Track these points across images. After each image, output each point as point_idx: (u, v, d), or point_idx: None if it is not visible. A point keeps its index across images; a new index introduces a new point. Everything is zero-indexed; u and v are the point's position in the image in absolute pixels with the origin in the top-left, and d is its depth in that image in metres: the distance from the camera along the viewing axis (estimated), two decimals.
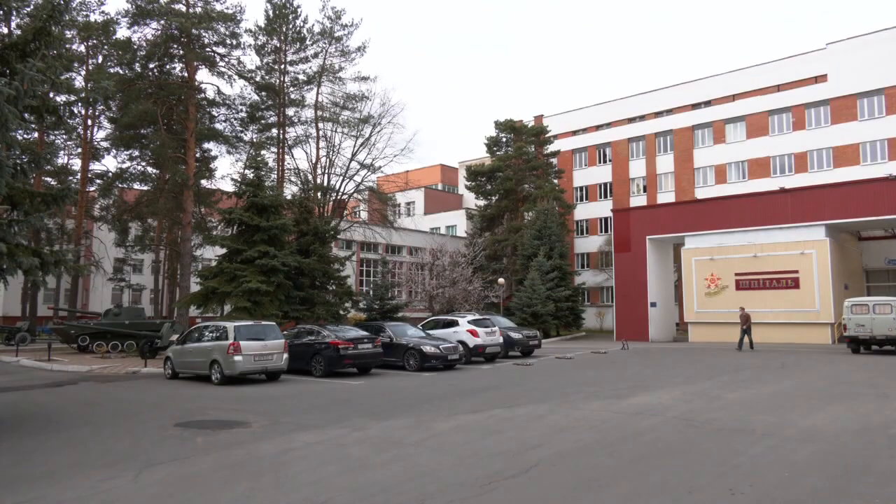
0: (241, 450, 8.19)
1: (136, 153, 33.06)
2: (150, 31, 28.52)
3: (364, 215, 38.20)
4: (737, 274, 29.30)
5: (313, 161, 32.15)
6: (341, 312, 27.23)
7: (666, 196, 44.53)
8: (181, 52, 28.76)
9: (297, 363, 17.66)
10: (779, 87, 41.04)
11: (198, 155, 31.72)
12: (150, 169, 33.26)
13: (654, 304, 32.36)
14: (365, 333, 18.72)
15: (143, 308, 34.85)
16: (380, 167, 32.46)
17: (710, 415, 10.14)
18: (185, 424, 10.08)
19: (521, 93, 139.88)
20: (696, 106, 44.79)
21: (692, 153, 44.00)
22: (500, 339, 22.22)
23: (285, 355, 16.57)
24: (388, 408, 11.71)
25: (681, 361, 20.36)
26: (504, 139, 46.08)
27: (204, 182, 33.15)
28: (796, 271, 27.68)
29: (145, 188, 33.92)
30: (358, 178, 32.89)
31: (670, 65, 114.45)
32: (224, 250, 24.23)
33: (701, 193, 42.16)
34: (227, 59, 29.79)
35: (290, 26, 31.45)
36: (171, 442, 8.79)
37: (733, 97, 42.88)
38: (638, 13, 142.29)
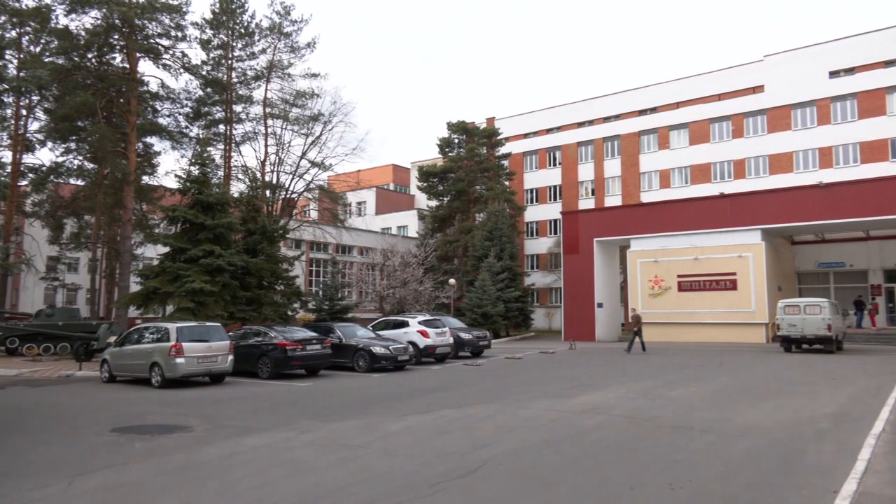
0: (182, 455, 7.92)
1: (73, 146, 31.57)
2: (89, 19, 27.32)
3: (314, 214, 37.66)
4: (679, 276, 30.29)
5: (262, 158, 31.49)
6: (289, 313, 26.74)
7: (613, 199, 45.66)
8: (123, 42, 27.65)
9: (243, 365, 17.25)
10: (720, 97, 42.69)
11: (139, 150, 30.54)
12: (87, 163, 31.82)
13: (600, 305, 33.11)
14: (313, 334, 18.46)
15: (79, 309, 33.30)
16: (331, 166, 32.07)
17: (652, 413, 10.44)
18: (122, 429, 9.68)
19: (474, 94, 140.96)
20: (642, 112, 46.09)
21: (638, 158, 45.27)
22: (451, 340, 22.30)
23: (230, 357, 16.16)
24: (336, 409, 11.57)
25: (626, 361, 20.89)
26: (456, 140, 46.27)
27: (146, 178, 31.93)
28: (734, 273, 28.83)
29: (82, 183, 32.41)
30: (308, 177, 32.42)
31: (619, 71, 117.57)
32: (167, 249, 23.42)
33: (646, 197, 43.41)
34: (171, 52, 28.81)
35: (238, 21, 30.70)
36: (107, 448, 8.43)
37: (677, 105, 44.34)
38: (587, 20, 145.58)
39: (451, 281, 36.12)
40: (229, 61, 31.08)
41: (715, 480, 6.35)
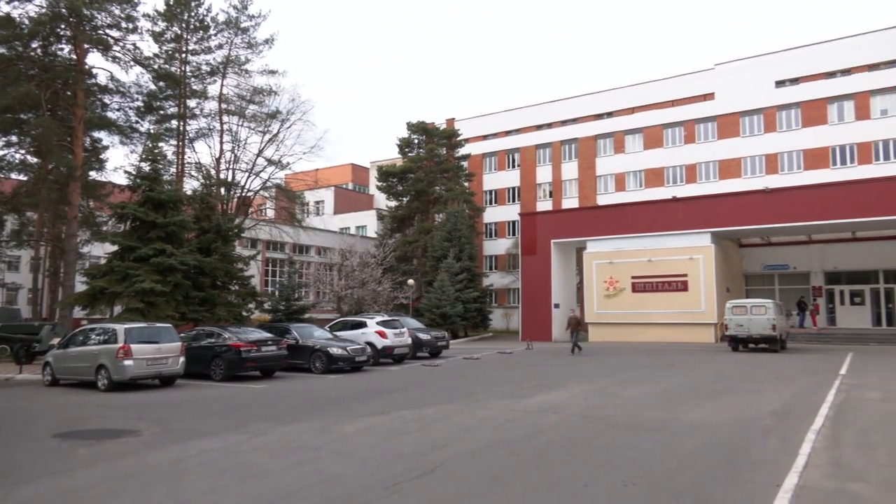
0: (129, 460, 7.67)
1: (15, 139, 30.18)
2: (33, 7, 26.18)
3: (271, 213, 37.04)
4: (633, 277, 30.97)
5: (217, 156, 30.81)
6: (244, 314, 26.23)
7: (570, 202, 46.36)
8: (70, 33, 26.60)
9: (196, 367, 16.82)
10: (673, 103, 43.85)
11: (87, 144, 29.42)
12: (30, 157, 30.46)
13: (557, 306, 33.57)
14: (269, 335, 18.14)
15: (19, 309, 31.89)
16: (288, 164, 31.65)
17: (606, 411, 10.64)
18: (65, 435, 9.30)
19: (434, 95, 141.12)
20: (599, 117, 46.97)
21: (595, 161, 46.10)
22: (409, 341, 22.25)
23: (182, 359, 15.74)
24: (291, 411, 11.40)
25: (581, 361, 21.23)
26: (416, 141, 46.20)
27: (93, 174, 30.79)
28: (685, 275, 29.66)
29: (24, 178, 31.02)
30: (265, 175, 31.88)
31: (576, 75, 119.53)
32: (115, 248, 22.65)
33: (602, 200, 44.24)
34: (122, 44, 27.88)
35: (193, 14, 29.95)
36: (49, 454, 8.08)
37: (632, 110, 45.35)
38: (546, 23, 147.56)
39: (410, 281, 36.05)
40: (183, 55, 30.29)
41: (665, 477, 6.51)
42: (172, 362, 15.51)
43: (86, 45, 26.97)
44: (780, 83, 40.13)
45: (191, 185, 30.37)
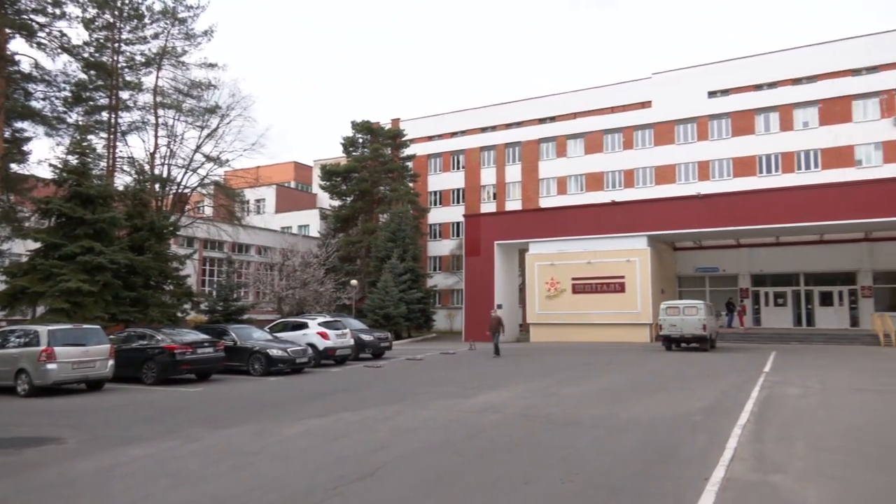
0: (51, 470, 7.26)
1: None
2: None
3: (209, 211, 35.87)
4: (573, 278, 31.71)
5: (151, 150, 29.58)
6: (179, 314, 25.32)
7: (514, 204, 47.04)
8: None
9: (126, 370, 16.14)
10: (612, 109, 45.19)
11: (7, 135, 27.67)
12: None
13: (500, 306, 33.92)
14: (205, 337, 17.59)
15: None
16: (227, 161, 30.69)
17: (546, 410, 10.84)
18: None
19: (379, 95, 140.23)
20: (542, 121, 47.87)
21: (538, 165, 46.96)
22: (351, 342, 22.04)
23: (111, 362, 15.06)
24: (228, 415, 11.08)
25: (522, 360, 21.57)
26: (360, 140, 45.79)
27: (14, 166, 28.97)
28: (623, 277, 30.60)
29: None
30: (203, 172, 30.84)
31: (522, 79, 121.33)
32: (38, 245, 21.42)
33: (545, 203, 45.10)
34: (48, 30, 26.36)
35: (126, 1, 28.65)
36: None
37: (574, 115, 46.44)
38: (493, 24, 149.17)
39: (353, 282, 35.69)
40: (116, 44, 28.93)
41: (602, 473, 6.69)
42: (100, 365, 14.81)
43: (8, 31, 25.35)
44: (712, 94, 42.00)
45: (123, 181, 29.07)
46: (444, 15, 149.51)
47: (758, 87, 40.86)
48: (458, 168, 50.46)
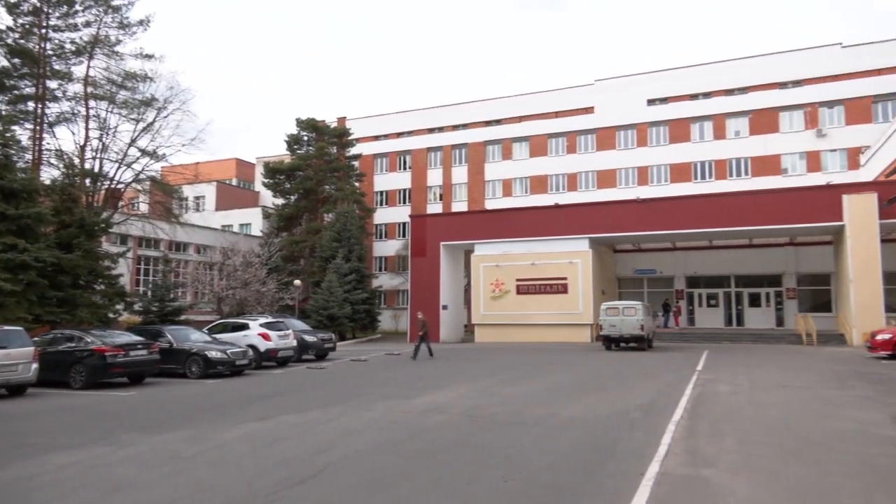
0: None
1: None
2: None
3: (144, 208, 34.44)
4: (518, 280, 32.17)
5: (81, 143, 28.17)
6: (111, 315, 24.22)
7: (460, 205, 47.31)
8: None
9: (52, 374, 15.34)
10: (557, 114, 46.11)
11: None
12: None
13: (445, 307, 34.08)
14: (139, 339, 16.89)
15: None
16: (164, 156, 29.58)
17: (489, 410, 10.95)
18: None
19: (325, 93, 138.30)
20: (488, 123, 48.35)
21: (484, 167, 47.41)
22: (294, 343, 21.65)
23: (34, 365, 14.25)
24: (163, 420, 10.68)
25: (467, 361, 21.72)
26: (306, 138, 45.02)
27: None
28: (565, 278, 31.26)
29: None
30: (138, 167, 29.60)
31: (468, 80, 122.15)
32: None
33: (490, 204, 45.58)
34: None
35: None
36: None
37: (520, 118, 47.15)
38: (439, 25, 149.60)
39: (297, 282, 35.04)
40: (43, 31, 27.43)
41: (543, 471, 6.81)
42: (23, 369, 14.00)
43: None
44: (651, 101, 43.48)
45: (50, 175, 27.58)
46: (390, 16, 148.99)
47: (693, 97, 42.60)
48: (405, 168, 50.37)
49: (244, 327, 21.12)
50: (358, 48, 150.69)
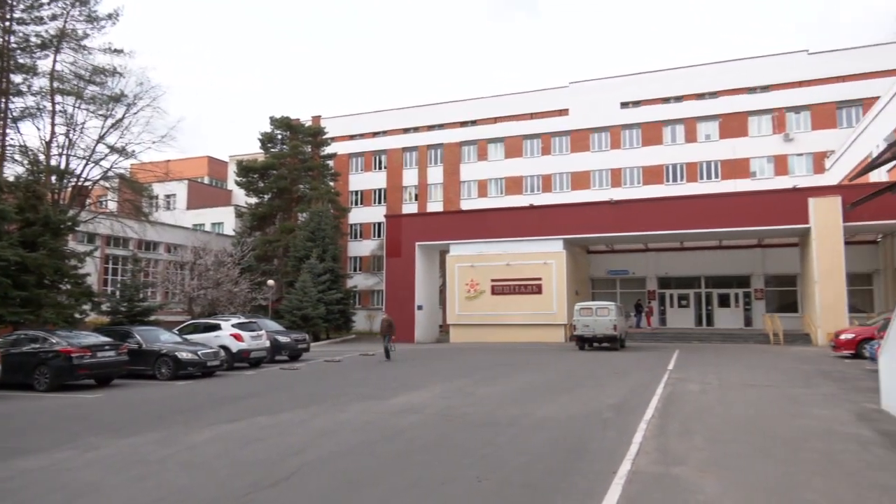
0: None
1: None
2: None
3: (113, 206, 33.70)
4: (493, 280, 32.29)
5: (47, 139, 27.46)
6: (77, 316, 23.63)
7: (435, 205, 47.34)
8: None
9: (15, 376, 14.94)
10: (532, 115, 46.42)
11: None
12: None
13: (420, 307, 34.04)
14: (107, 340, 16.52)
15: None
16: (134, 153, 29.00)
17: (464, 410, 10.96)
18: None
19: (300, 92, 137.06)
20: (464, 124, 48.46)
21: (459, 167, 47.50)
22: (267, 343, 21.42)
23: None
24: (131, 422, 10.46)
25: (441, 361, 21.72)
26: (280, 136, 44.55)
27: None
28: (540, 279, 31.48)
29: None
30: (106, 164, 28.96)
31: (444, 81, 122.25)
32: None
33: (465, 205, 45.68)
34: None
35: None
36: None
37: (495, 120, 47.35)
38: (418, 27, 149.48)
39: (270, 282, 34.65)
40: (7, 23, 26.66)
41: (517, 470, 6.84)
42: None
43: None
44: (624, 105, 44.04)
45: (14, 171, 26.83)
46: (367, 18, 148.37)
47: (665, 101, 43.26)
48: (380, 168, 50.20)
49: (216, 328, 20.83)
50: (334, 49, 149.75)
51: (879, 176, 27.16)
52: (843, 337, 20.05)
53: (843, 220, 26.20)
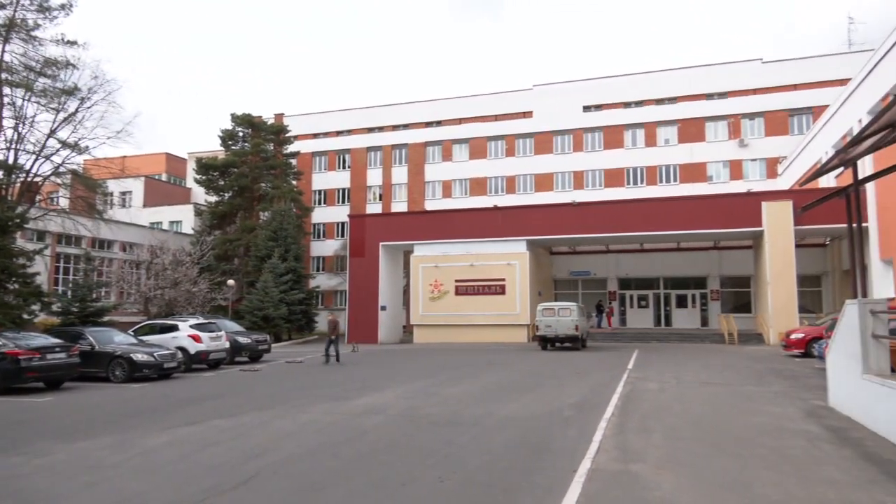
0: None
1: None
2: None
3: (64, 203, 32.54)
4: (457, 280, 32.37)
5: None
6: (26, 317, 22.76)
7: (399, 206, 47.22)
8: None
9: None
10: (496, 117, 46.75)
11: None
12: None
13: (384, 308, 33.90)
14: (57, 341, 15.94)
15: None
16: (87, 148, 27.97)
17: (427, 410, 10.96)
18: None
19: (262, 90, 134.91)
20: (429, 124, 48.47)
21: (424, 167, 47.49)
22: (226, 345, 21.02)
23: None
24: (83, 426, 10.12)
25: (405, 362, 21.67)
26: (241, 134, 43.76)
27: None
28: (503, 279, 31.71)
29: None
30: (58, 159, 27.87)
31: (411, 81, 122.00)
32: None
33: (430, 205, 45.71)
34: None
35: None
36: None
37: (460, 121, 47.51)
38: (375, 24, 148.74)
39: (230, 282, 33.99)
40: None
41: (479, 470, 6.87)
42: None
43: None
44: (587, 108, 44.74)
45: None
46: (330, 14, 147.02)
47: (627, 105, 44.12)
48: (344, 167, 49.82)
49: (173, 329, 20.36)
50: (298, 47, 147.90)
51: (828, 181, 28.28)
52: (793, 336, 20.76)
53: (794, 224, 27.15)
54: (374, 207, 47.67)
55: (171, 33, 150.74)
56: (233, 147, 43.12)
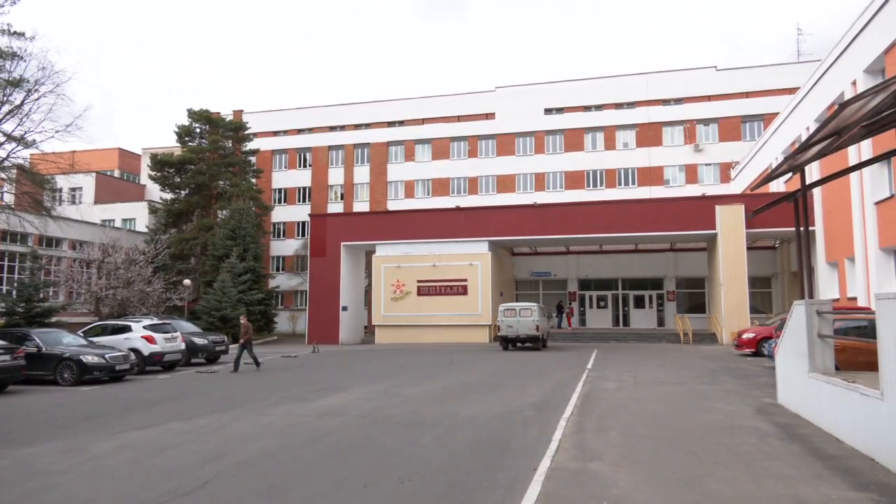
0: None
1: None
2: None
3: (9, 198, 31.19)
4: (419, 281, 32.33)
5: None
6: None
7: (361, 205, 46.90)
8: None
9: None
10: (459, 118, 46.90)
11: None
12: None
13: (345, 308, 33.61)
14: (1, 343, 15.28)
15: None
16: (34, 142, 26.90)
17: (389, 411, 10.91)
18: None
19: (221, 87, 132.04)
20: (391, 124, 48.28)
21: (386, 167, 47.30)
22: (182, 346, 20.50)
23: None
24: (29, 431, 9.73)
25: (367, 362, 21.52)
26: (198, 130, 42.75)
27: None
28: (465, 280, 31.83)
29: None
30: (2, 153, 26.73)
31: (371, 80, 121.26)
32: None
33: (392, 205, 45.55)
34: None
35: None
36: None
37: (423, 121, 47.48)
38: (337, 20, 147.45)
39: (186, 282, 33.17)
40: None
41: (441, 470, 6.88)
42: None
43: None
44: (548, 111, 45.29)
45: None
46: (294, 10, 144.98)
47: (587, 108, 44.85)
48: (305, 166, 49.23)
49: (126, 329, 19.76)
50: (259, 44, 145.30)
51: (778, 186, 29.33)
52: (744, 336, 21.42)
53: (746, 227, 28.06)
54: (335, 207, 47.24)
55: (123, 26, 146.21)
56: (190, 144, 42.10)
